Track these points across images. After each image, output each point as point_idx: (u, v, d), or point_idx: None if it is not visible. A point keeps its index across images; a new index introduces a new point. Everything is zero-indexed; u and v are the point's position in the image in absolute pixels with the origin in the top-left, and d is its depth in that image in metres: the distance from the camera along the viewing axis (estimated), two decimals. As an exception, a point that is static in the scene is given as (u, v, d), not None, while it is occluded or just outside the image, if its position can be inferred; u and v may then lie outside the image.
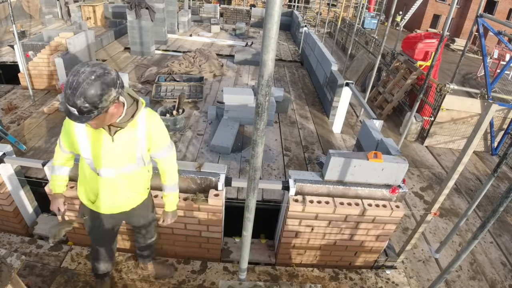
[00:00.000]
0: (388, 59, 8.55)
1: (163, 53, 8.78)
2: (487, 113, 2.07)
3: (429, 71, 4.33)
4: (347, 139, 5.33)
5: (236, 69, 8.10)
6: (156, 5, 8.33)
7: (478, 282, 3.22)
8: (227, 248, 3.09)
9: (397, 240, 3.54)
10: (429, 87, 6.08)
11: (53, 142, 4.32)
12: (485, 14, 5.68)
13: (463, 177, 5.01)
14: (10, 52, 7.36)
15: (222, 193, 2.52)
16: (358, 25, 10.85)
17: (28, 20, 10.72)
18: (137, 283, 2.63)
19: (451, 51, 22.16)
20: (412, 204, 4.25)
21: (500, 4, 24.55)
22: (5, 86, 5.89)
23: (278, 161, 4.44)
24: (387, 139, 2.98)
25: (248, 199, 1.71)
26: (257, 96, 1.29)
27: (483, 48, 5.84)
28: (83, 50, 6.41)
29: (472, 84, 14.28)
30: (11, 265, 1.60)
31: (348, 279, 2.87)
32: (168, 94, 5.98)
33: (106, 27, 10.76)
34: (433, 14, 26.95)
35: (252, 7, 17.15)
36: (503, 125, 5.76)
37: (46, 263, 2.70)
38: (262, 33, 1.15)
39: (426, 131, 5.79)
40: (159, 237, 2.64)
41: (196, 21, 13.24)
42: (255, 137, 1.42)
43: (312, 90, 7.28)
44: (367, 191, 2.64)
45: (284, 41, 11.65)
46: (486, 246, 3.69)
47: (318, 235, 2.74)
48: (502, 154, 2.86)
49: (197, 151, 4.46)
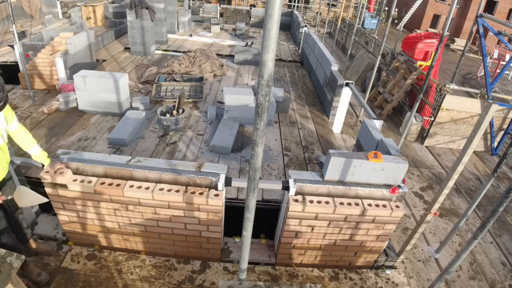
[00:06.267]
0: (388, 59, 8.55)
1: (163, 53, 8.78)
2: (487, 113, 2.07)
3: (429, 71, 4.33)
4: (347, 139, 5.33)
5: (236, 69, 8.10)
6: (156, 5, 8.33)
7: (478, 282, 3.22)
8: (227, 248, 3.10)
9: (397, 240, 3.54)
10: (429, 87, 6.08)
11: (53, 142, 4.32)
12: (485, 14, 5.68)
13: (463, 177, 5.01)
14: (10, 52, 7.36)
15: (222, 193, 2.52)
16: (358, 25, 10.85)
17: (28, 20, 10.72)
18: (137, 283, 2.63)
19: (451, 51, 22.16)
20: (412, 204, 4.25)
21: (500, 4, 24.55)
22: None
23: (278, 161, 4.44)
24: (387, 139, 2.98)
25: (248, 199, 1.71)
26: (257, 96, 1.29)
27: (483, 48, 5.84)
28: (83, 50, 6.41)
29: (472, 84, 14.28)
30: (11, 265, 1.60)
31: (348, 279, 2.87)
32: (168, 94, 5.98)
33: (106, 27, 10.76)
34: (433, 14, 26.96)
35: (252, 7, 17.14)
36: (503, 125, 5.76)
37: (46, 263, 2.70)
38: (262, 33, 1.15)
39: (426, 131, 5.79)
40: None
41: (196, 21, 13.24)
42: (255, 137, 1.42)
43: (312, 90, 7.28)
44: (367, 191, 2.64)
45: (284, 41, 11.65)
46: (486, 246, 3.69)
47: (318, 235, 2.74)
48: (502, 154, 2.86)
49: (197, 151, 4.46)
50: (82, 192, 2.52)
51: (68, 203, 2.62)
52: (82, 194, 2.53)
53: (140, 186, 2.50)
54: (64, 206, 2.65)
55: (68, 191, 2.53)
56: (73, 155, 2.64)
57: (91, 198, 2.55)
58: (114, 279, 2.63)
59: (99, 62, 7.47)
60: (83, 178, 2.52)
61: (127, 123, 4.61)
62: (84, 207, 2.64)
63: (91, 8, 10.61)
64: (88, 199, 2.56)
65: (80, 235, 2.89)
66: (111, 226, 2.78)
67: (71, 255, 2.80)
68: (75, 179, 2.51)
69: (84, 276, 2.63)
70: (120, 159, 2.64)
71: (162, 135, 4.72)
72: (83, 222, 2.78)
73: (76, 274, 2.63)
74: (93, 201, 2.57)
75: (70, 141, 4.40)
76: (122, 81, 4.95)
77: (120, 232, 2.82)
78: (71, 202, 2.61)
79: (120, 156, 2.68)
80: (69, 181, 2.48)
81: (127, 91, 5.21)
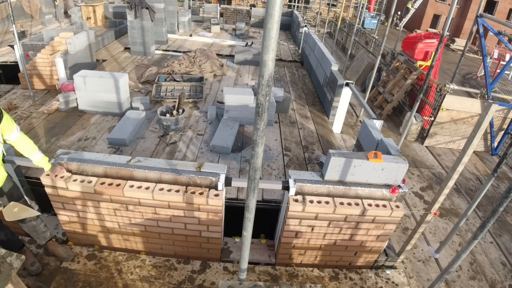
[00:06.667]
0: (388, 59, 8.55)
1: (163, 53, 8.78)
2: (487, 113, 2.07)
3: (429, 71, 4.33)
4: (347, 139, 5.33)
5: (236, 69, 8.10)
6: (156, 5, 8.33)
7: (478, 282, 3.22)
8: (227, 248, 3.09)
9: (397, 240, 3.54)
10: (429, 87, 6.08)
11: (53, 142, 4.32)
12: (485, 14, 5.68)
13: (463, 177, 5.01)
14: (10, 52, 7.36)
15: (222, 193, 2.52)
16: (358, 25, 10.85)
17: (28, 20, 10.72)
18: (137, 283, 2.63)
19: (451, 51, 22.15)
20: (412, 204, 4.25)
21: (500, 4, 24.53)
22: (5, 86, 5.89)
23: (278, 161, 4.44)
24: (387, 139, 2.98)
25: (248, 199, 1.71)
26: (257, 96, 1.29)
27: (483, 48, 5.84)
28: (83, 50, 6.41)
29: (472, 84, 14.27)
30: (11, 265, 1.60)
31: (348, 279, 2.87)
32: (168, 94, 5.98)
33: (106, 27, 10.76)
34: (433, 14, 26.94)
35: (252, 7, 17.14)
36: (503, 125, 5.76)
37: (46, 263, 2.70)
38: (262, 33, 1.15)
39: (426, 131, 5.79)
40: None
41: (196, 21, 13.24)
42: (255, 137, 1.42)
43: (312, 90, 7.28)
44: (367, 191, 2.64)
45: (284, 41, 11.65)
46: (486, 246, 3.69)
47: (318, 235, 2.74)
48: (502, 154, 2.86)
49: (197, 151, 4.46)
50: (82, 192, 2.52)
51: (68, 203, 2.62)
52: (82, 194, 2.54)
53: (140, 186, 2.50)
54: (64, 206, 2.66)
55: (68, 191, 2.53)
56: (73, 155, 2.64)
57: (91, 198, 2.55)
58: (114, 279, 2.64)
59: (99, 62, 7.47)
60: (83, 178, 2.52)
61: (127, 123, 4.61)
62: (84, 207, 2.64)
63: (91, 8, 10.62)
64: (88, 199, 2.56)
65: (80, 235, 2.90)
66: (111, 226, 2.78)
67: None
68: (75, 179, 2.51)
69: (84, 276, 2.63)
70: (120, 159, 2.64)
71: (162, 135, 4.72)
72: (83, 222, 2.78)
73: (76, 274, 2.63)
74: (93, 201, 2.57)
75: (70, 141, 4.40)
76: (122, 81, 4.95)
77: (120, 232, 2.82)
78: (71, 202, 2.61)
79: (120, 156, 2.68)
80: (69, 182, 2.49)
81: (127, 91, 5.21)
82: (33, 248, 2.82)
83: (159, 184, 2.52)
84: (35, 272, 2.59)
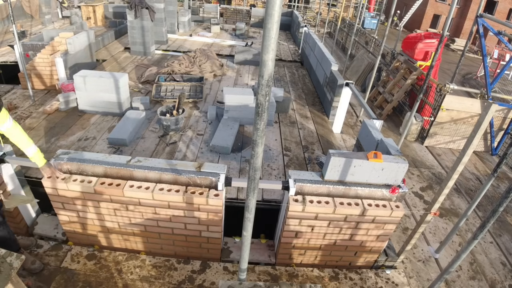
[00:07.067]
0: (388, 59, 8.55)
1: (163, 53, 8.78)
2: (487, 113, 2.07)
3: (429, 71, 4.33)
4: (347, 139, 5.33)
5: (236, 69, 8.10)
6: (156, 5, 8.33)
7: (478, 282, 3.22)
8: (227, 248, 3.09)
9: (397, 240, 3.54)
10: (429, 87, 6.08)
11: (53, 142, 4.32)
12: (485, 14, 5.68)
13: (463, 177, 5.01)
14: (10, 52, 7.36)
15: (222, 193, 2.52)
16: (358, 25, 10.85)
17: (28, 20, 10.72)
18: (137, 283, 2.63)
19: (451, 51, 22.15)
20: (412, 204, 4.25)
21: (500, 4, 24.55)
22: (5, 86, 5.89)
23: (278, 161, 4.44)
24: (387, 139, 2.98)
25: (248, 199, 1.71)
26: (257, 96, 1.29)
27: (483, 48, 5.84)
28: (83, 50, 6.41)
29: (472, 84, 14.28)
30: (11, 265, 1.60)
31: (348, 279, 2.87)
32: (168, 94, 5.98)
33: (106, 27, 10.76)
34: (433, 14, 26.95)
35: (252, 7, 17.14)
36: (503, 125, 5.76)
37: (46, 263, 2.70)
38: (262, 33, 1.15)
39: (426, 131, 5.79)
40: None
41: (196, 21, 13.24)
42: (255, 137, 1.42)
43: (312, 90, 7.28)
44: (367, 191, 2.64)
45: (284, 41, 11.65)
46: (486, 246, 3.69)
47: (318, 235, 2.74)
48: (502, 154, 2.86)
49: (197, 151, 4.46)
50: (82, 192, 2.52)
51: (68, 203, 2.62)
52: (82, 194, 2.54)
53: (140, 186, 2.50)
54: (64, 206, 2.66)
55: (68, 191, 2.53)
56: (73, 155, 2.64)
57: (91, 198, 2.55)
58: (114, 279, 2.64)
59: (99, 62, 7.47)
60: (83, 178, 2.52)
61: (127, 123, 4.61)
62: (84, 207, 2.64)
63: (91, 8, 10.61)
64: (88, 199, 2.56)
65: (80, 235, 2.90)
66: (111, 226, 2.78)
67: (71, 255, 2.80)
68: (75, 179, 2.51)
69: (84, 276, 2.63)
70: (120, 159, 2.64)
71: (162, 135, 4.72)
72: (83, 222, 2.78)
73: (76, 274, 2.63)
74: (93, 201, 2.57)
75: (70, 141, 4.40)
76: (122, 81, 4.95)
77: (120, 232, 2.82)
78: (71, 202, 2.61)
79: (120, 156, 2.68)
80: (69, 182, 2.49)
81: (127, 91, 5.21)
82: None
83: (159, 184, 2.53)
84: (38, 269, 2.59)
